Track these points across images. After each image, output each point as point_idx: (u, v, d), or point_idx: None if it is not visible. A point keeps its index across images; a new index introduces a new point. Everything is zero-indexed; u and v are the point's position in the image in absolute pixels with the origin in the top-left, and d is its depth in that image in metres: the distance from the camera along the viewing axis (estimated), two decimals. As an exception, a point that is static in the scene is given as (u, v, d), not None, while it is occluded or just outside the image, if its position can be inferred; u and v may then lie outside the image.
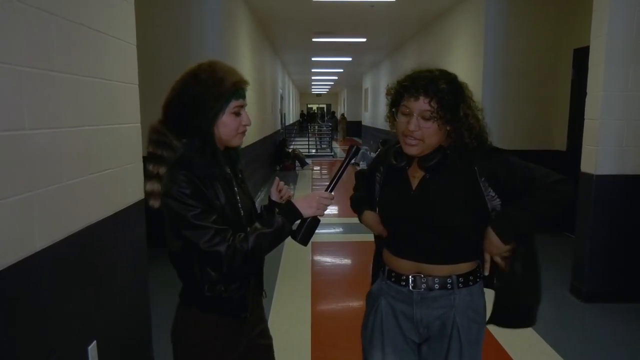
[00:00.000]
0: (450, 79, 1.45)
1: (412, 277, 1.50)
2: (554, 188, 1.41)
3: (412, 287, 1.50)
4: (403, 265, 1.53)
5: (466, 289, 1.49)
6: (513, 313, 1.55)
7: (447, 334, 1.48)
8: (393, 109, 1.50)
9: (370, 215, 1.66)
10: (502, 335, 3.19)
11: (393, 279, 1.55)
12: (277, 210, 1.42)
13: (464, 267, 1.50)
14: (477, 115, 1.47)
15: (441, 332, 1.49)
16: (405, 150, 1.47)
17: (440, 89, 1.40)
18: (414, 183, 1.52)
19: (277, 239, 1.39)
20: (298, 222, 1.43)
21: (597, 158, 3.63)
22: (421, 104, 1.41)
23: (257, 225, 1.39)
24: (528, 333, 3.26)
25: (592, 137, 3.70)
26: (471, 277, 1.51)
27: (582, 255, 3.82)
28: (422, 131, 1.42)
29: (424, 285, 1.49)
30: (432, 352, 1.52)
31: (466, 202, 1.45)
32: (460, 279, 1.49)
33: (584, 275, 3.78)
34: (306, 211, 1.42)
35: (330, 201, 1.46)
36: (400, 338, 1.55)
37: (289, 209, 1.42)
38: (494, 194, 1.44)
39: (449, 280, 1.48)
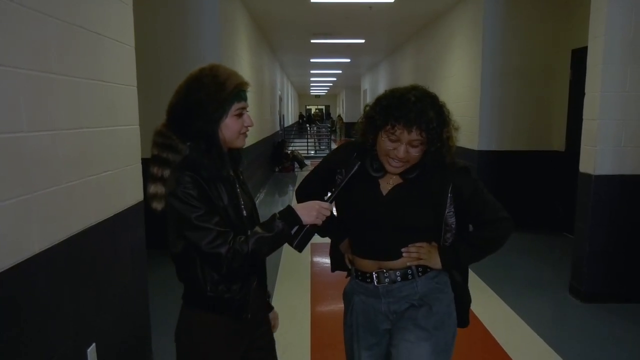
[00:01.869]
0: (436, 104, 1.50)
1: (375, 273, 1.61)
2: (499, 226, 1.59)
3: (377, 282, 1.61)
4: (366, 264, 1.63)
5: (426, 275, 1.61)
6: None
7: (416, 308, 1.59)
8: (380, 132, 1.51)
9: (347, 243, 1.76)
10: (501, 334, 3.19)
11: (360, 278, 1.66)
12: (277, 215, 1.43)
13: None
14: (454, 135, 1.54)
15: (409, 309, 1.60)
16: (388, 169, 1.55)
17: (430, 119, 1.44)
18: (385, 189, 1.59)
19: (276, 243, 1.43)
20: (296, 227, 1.45)
21: (596, 158, 3.64)
22: (413, 135, 1.45)
23: (258, 228, 1.42)
24: (527, 333, 3.26)
25: (590, 137, 3.70)
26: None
27: (581, 256, 3.82)
28: (409, 156, 1.49)
29: (387, 280, 1.60)
30: (403, 321, 1.60)
31: (432, 209, 1.56)
32: (419, 269, 1.59)
33: (583, 276, 3.79)
34: (306, 219, 1.44)
35: (329, 212, 1.49)
36: (372, 332, 1.66)
37: (290, 215, 1.44)
38: (453, 211, 1.57)
39: (409, 271, 1.59)
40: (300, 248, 1.46)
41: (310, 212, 1.44)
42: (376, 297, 1.62)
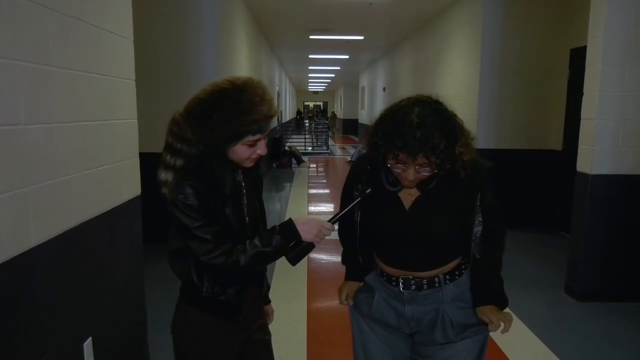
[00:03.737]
0: (442, 121, 1.37)
1: (401, 279, 1.56)
2: (502, 242, 1.62)
3: (403, 288, 1.56)
4: (392, 271, 1.59)
5: (453, 282, 1.56)
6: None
7: (439, 325, 1.56)
8: (387, 156, 1.43)
9: (347, 287, 1.73)
10: (497, 333, 3.20)
11: (385, 279, 1.61)
12: (277, 228, 1.42)
13: (449, 266, 1.57)
14: (470, 145, 1.45)
15: (432, 324, 1.56)
16: (404, 184, 1.48)
17: (436, 145, 1.34)
18: (407, 201, 1.52)
19: (272, 258, 1.44)
20: (293, 241, 1.43)
21: (593, 158, 3.64)
22: (419, 160, 1.37)
23: (257, 241, 1.40)
24: (523, 332, 3.28)
25: (588, 137, 3.71)
26: (457, 272, 1.57)
27: (577, 255, 3.83)
28: (419, 176, 1.43)
29: (413, 287, 1.55)
30: (426, 338, 1.58)
31: (460, 217, 1.51)
32: (447, 276, 1.56)
33: (579, 275, 3.80)
34: (306, 236, 1.42)
35: (330, 233, 1.46)
36: (388, 330, 1.63)
37: (290, 231, 1.42)
38: (480, 220, 1.53)
39: (436, 280, 1.55)
40: (294, 262, 1.44)
41: (311, 230, 1.42)
42: (400, 300, 1.58)
